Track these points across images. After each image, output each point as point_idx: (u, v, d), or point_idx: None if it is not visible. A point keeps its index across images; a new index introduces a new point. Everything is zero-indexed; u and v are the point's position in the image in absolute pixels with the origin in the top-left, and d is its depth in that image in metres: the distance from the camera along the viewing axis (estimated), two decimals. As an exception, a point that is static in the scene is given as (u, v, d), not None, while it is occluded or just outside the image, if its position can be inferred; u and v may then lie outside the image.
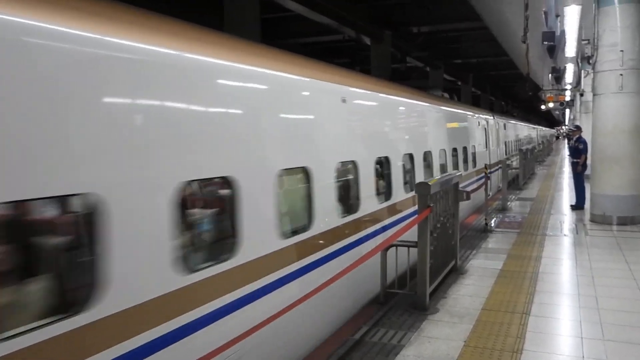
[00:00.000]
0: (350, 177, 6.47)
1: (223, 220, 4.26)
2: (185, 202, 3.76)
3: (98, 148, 2.96)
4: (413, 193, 6.92)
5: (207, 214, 4.21)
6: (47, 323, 2.67)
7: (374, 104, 7.54)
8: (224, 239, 4.18)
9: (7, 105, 2.52)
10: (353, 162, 6.42)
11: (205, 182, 4.16)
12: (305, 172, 5.30)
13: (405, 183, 8.29)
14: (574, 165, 12.91)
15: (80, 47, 2.92)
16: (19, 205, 2.76)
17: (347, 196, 6.37)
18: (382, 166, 7.46)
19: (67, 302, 2.89)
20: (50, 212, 2.97)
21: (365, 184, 6.68)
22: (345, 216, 6.13)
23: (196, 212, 4.15)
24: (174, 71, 3.61)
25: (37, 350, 2.57)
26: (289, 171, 5.05)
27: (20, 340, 2.51)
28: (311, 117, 5.62)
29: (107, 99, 3.08)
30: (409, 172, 8.51)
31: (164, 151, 3.45)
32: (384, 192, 7.46)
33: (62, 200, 2.95)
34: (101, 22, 3.14)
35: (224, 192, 4.21)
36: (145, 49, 3.41)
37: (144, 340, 3.17)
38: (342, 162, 6.20)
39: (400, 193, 7.91)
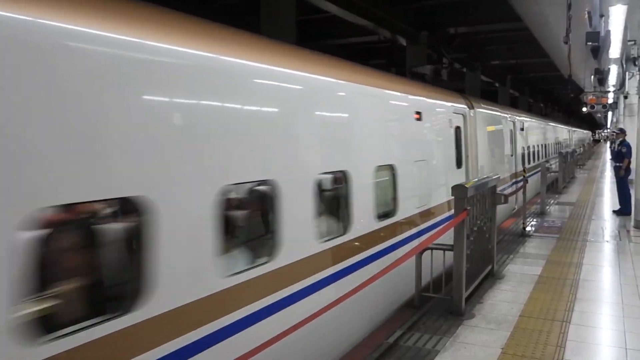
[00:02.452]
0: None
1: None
2: (234, 205, 4.05)
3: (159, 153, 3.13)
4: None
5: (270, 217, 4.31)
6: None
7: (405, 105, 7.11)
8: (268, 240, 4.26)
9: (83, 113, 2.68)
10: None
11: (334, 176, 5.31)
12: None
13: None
14: (616, 170, 12.49)
15: (153, 57, 3.11)
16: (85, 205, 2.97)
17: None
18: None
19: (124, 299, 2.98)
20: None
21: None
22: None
23: (243, 215, 4.30)
24: (239, 81, 3.85)
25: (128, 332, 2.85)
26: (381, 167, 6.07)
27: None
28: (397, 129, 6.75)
29: (169, 105, 3.23)
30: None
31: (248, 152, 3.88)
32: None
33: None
34: (163, 30, 3.30)
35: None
36: (215, 58, 3.64)
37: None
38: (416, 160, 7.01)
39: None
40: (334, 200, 5.40)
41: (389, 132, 6.49)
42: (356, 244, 5.39)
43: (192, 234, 3.33)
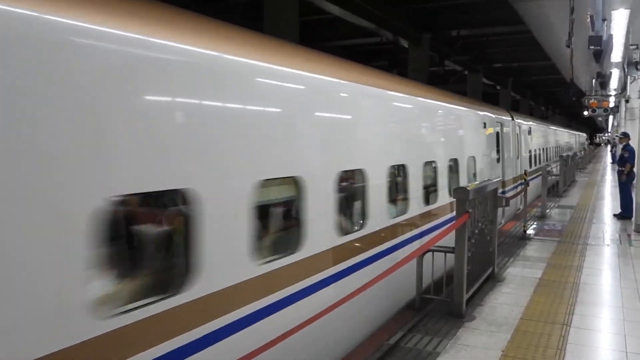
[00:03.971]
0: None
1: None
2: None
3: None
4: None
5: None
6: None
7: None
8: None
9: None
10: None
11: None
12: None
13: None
14: (619, 174, 12.49)
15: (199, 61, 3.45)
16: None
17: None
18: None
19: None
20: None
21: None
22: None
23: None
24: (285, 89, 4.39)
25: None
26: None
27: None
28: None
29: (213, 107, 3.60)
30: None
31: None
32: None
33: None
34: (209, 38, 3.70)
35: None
36: (273, 68, 4.22)
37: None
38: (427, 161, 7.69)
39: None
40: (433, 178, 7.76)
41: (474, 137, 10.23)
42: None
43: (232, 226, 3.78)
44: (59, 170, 2.51)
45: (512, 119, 14.28)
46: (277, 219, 4.57)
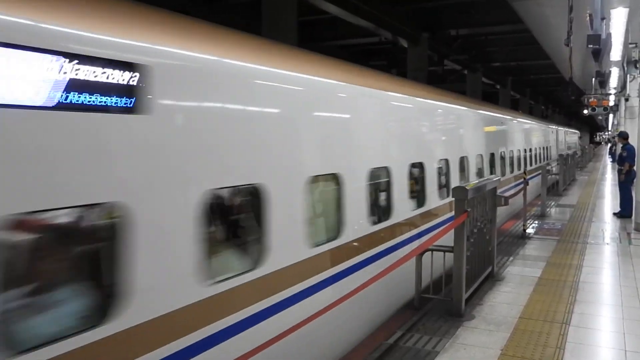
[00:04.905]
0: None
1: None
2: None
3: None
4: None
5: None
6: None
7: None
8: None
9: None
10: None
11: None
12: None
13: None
14: (619, 173, 12.49)
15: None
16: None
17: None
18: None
19: None
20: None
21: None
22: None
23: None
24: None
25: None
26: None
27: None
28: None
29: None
30: None
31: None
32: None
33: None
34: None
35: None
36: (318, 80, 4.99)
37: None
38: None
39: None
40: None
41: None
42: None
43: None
44: None
45: None
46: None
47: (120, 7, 3.18)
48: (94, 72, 2.62)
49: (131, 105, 2.84)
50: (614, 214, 12.20)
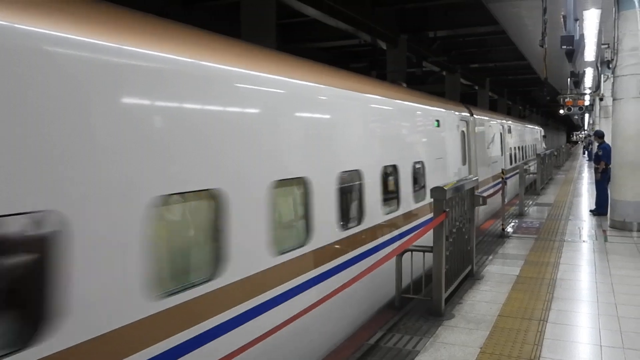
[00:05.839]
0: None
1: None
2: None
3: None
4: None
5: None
6: None
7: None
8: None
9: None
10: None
11: None
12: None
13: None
14: (595, 171, 12.72)
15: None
16: None
17: None
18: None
19: None
20: None
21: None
22: None
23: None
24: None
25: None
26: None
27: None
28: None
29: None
30: None
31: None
32: None
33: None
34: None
35: None
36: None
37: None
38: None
39: None
40: None
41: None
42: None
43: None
44: None
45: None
46: None
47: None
48: None
49: None
50: (591, 211, 12.42)
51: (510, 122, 18.67)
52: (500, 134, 15.57)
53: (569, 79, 18.73)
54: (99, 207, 2.80)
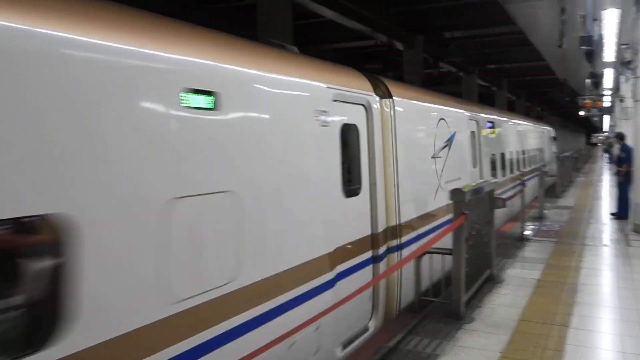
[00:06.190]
0: None
1: None
2: None
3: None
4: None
5: None
6: None
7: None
8: None
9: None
10: None
11: None
12: None
13: None
14: (617, 174, 12.51)
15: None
16: None
17: None
18: None
19: None
20: None
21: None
22: None
23: None
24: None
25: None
26: None
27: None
28: None
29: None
30: None
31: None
32: None
33: None
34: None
35: None
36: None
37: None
38: None
39: None
40: None
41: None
42: None
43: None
44: None
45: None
46: None
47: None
48: None
49: None
50: (611, 214, 12.22)
51: (493, 115, 12.70)
52: (473, 132, 10.12)
53: (588, 80, 18.46)
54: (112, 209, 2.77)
